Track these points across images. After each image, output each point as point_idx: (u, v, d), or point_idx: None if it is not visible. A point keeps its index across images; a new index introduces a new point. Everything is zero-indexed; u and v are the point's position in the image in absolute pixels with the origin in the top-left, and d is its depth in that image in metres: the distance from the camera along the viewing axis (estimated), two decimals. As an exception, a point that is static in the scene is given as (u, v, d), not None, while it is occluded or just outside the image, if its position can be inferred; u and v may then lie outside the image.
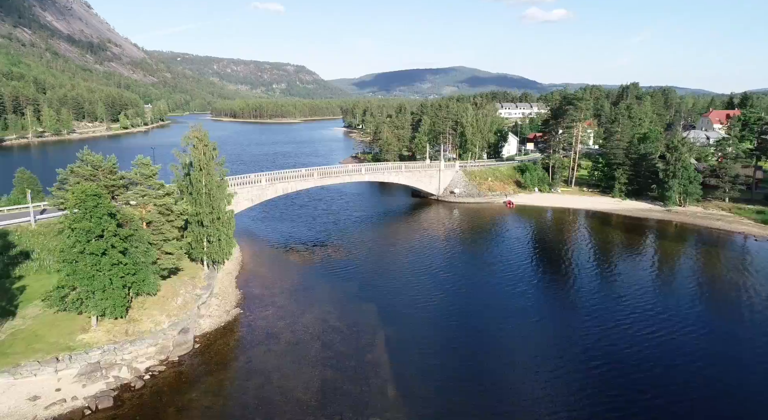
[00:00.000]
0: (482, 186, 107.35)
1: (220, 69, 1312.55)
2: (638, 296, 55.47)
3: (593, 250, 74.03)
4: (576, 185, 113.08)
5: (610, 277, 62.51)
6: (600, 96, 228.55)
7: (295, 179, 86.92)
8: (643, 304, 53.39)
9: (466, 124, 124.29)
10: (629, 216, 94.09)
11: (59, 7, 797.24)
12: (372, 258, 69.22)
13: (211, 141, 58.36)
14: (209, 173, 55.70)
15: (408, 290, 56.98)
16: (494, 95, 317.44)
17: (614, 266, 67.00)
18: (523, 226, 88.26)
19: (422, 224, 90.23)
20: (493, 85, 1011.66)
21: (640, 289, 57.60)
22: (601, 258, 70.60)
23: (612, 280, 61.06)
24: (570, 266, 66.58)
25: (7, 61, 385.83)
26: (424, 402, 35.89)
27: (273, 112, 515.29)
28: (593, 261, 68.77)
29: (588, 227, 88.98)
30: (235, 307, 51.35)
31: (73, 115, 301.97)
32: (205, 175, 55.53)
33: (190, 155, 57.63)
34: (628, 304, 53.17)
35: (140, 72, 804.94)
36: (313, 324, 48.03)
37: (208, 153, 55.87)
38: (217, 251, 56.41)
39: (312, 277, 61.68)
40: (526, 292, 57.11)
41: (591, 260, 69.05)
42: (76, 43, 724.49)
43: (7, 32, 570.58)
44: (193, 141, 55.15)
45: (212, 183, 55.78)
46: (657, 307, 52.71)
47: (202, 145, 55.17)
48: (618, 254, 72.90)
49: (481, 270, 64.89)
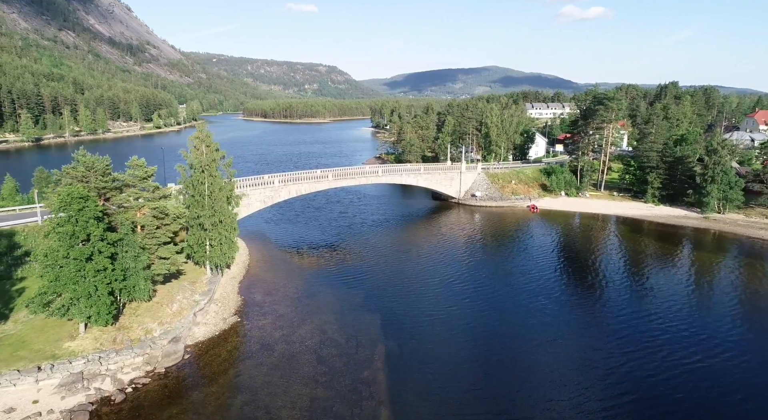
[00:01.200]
0: (505, 189, 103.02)
1: (254, 70, 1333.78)
2: (670, 315, 50.78)
3: (621, 261, 69.13)
4: (606, 189, 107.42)
5: (639, 291, 57.77)
6: (636, 96, 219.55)
7: (309, 181, 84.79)
8: (676, 324, 48.74)
9: (491, 124, 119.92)
10: (662, 223, 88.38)
11: (102, 11, 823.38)
12: (383, 264, 66.29)
13: (215, 141, 56.67)
14: (211, 175, 53.94)
15: (416, 301, 53.87)
16: (525, 95, 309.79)
17: (644, 279, 62.03)
18: (546, 233, 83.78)
19: (440, 229, 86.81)
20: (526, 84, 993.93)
21: (673, 307, 52.82)
22: (629, 270, 65.66)
23: (641, 296, 56.34)
24: (595, 278, 62.10)
25: (49, 62, 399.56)
26: (418, 429, 32.87)
27: (303, 112, 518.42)
28: (621, 273, 63.97)
29: (617, 235, 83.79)
30: (233, 314, 49.37)
31: (109, 115, 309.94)
32: (207, 177, 53.81)
33: (194, 156, 56.20)
34: (658, 324, 48.61)
35: (177, 73, 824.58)
36: (311, 335, 45.53)
37: (210, 154, 54.08)
38: (219, 255, 54.62)
39: (318, 283, 59.27)
40: (546, 307, 52.96)
41: (618, 272, 64.26)
42: (116, 45, 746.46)
43: (53, 35, 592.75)
44: (194, 142, 53.48)
45: (214, 185, 54.00)
46: (691, 327, 47.98)
47: (204, 145, 53.45)
48: (649, 266, 67.76)
49: (498, 280, 61.07)
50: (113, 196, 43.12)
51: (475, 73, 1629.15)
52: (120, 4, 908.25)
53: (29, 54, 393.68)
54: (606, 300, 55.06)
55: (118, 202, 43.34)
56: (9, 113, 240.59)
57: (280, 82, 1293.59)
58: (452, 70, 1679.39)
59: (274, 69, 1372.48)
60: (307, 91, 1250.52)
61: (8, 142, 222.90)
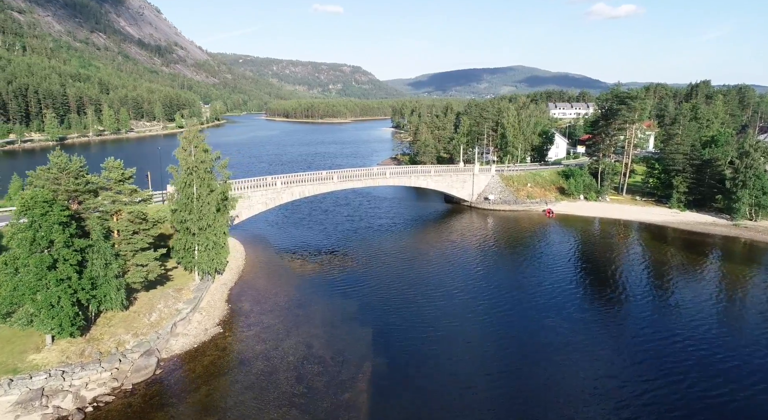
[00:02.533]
0: (520, 192, 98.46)
1: (279, 70, 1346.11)
2: (696, 336, 45.86)
3: (642, 273, 64.10)
4: (628, 193, 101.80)
5: (661, 308, 52.80)
6: (665, 95, 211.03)
7: (313, 182, 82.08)
8: (703, 347, 43.81)
9: (507, 125, 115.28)
10: (688, 230, 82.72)
11: (132, 13, 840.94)
12: (384, 273, 62.84)
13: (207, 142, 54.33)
14: (199, 177, 51.52)
15: (415, 314, 50.33)
16: (549, 94, 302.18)
17: (667, 295, 56.89)
18: (561, 240, 79.10)
19: (449, 235, 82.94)
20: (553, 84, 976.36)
21: (700, 327, 47.84)
22: (651, 283, 60.58)
23: (663, 314, 51.37)
24: (613, 293, 57.38)
25: (78, 63, 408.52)
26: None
27: (324, 112, 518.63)
28: (642, 287, 58.96)
29: (638, 243, 78.58)
30: (216, 325, 46.76)
31: (132, 115, 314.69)
32: (196, 179, 51.43)
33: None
34: (682, 347, 43.81)
35: (203, 73, 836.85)
36: (295, 350, 42.53)
37: (199, 155, 51.68)
38: (207, 261, 52.20)
39: (312, 291, 56.32)
40: (558, 326, 48.24)
41: (639, 286, 59.26)
42: (145, 46, 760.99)
43: (85, 37, 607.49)
44: (181, 142, 51.18)
45: (203, 188, 51.58)
46: (720, 352, 42.89)
47: (192, 146, 51.08)
48: (673, 279, 62.52)
49: (506, 294, 56.81)
50: (86, 200, 40.90)
51: (500, 73, 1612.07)
52: (150, 6, 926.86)
53: (59, 55, 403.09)
54: (624, 318, 50.46)
55: (93, 206, 41.12)
56: (35, 113, 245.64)
57: (305, 83, 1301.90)
58: (477, 70, 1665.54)
59: (299, 69, 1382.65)
60: (331, 92, 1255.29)
61: (33, 142, 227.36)
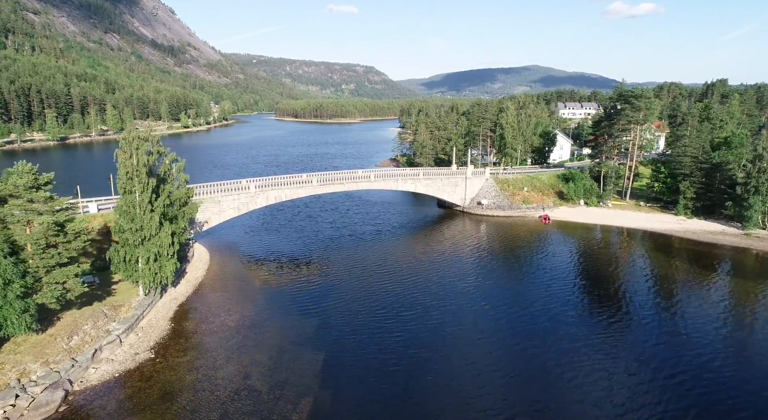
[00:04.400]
0: (515, 197, 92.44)
1: (292, 70, 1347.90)
2: (701, 363, 40.16)
3: (642, 290, 57.82)
4: (632, 198, 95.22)
5: (662, 334, 46.45)
6: (679, 94, 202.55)
7: (290, 186, 77.18)
8: (709, 377, 38.19)
9: (506, 125, 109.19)
10: (695, 240, 76.13)
11: (146, 14, 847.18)
12: (354, 288, 57.29)
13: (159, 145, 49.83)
14: (141, 182, 46.81)
15: (379, 336, 44.92)
16: (560, 94, 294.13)
17: (669, 316, 50.50)
18: (555, 250, 72.99)
19: (434, 244, 77.23)
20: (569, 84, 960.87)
21: (706, 350, 42.11)
22: (651, 303, 54.19)
23: (666, 335, 45.28)
24: (608, 315, 51.23)
25: (86, 63, 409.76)
26: None
27: (333, 112, 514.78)
28: (641, 307, 52.59)
29: (639, 254, 72.25)
30: (150, 348, 41.87)
31: (138, 115, 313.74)
32: (137, 185, 46.73)
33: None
34: (687, 378, 38.11)
35: (215, 73, 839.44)
36: (229, 381, 37.45)
37: (141, 158, 46.97)
38: (148, 275, 47.40)
39: (270, 309, 51.23)
40: (545, 351, 43.24)
41: (637, 306, 52.90)
42: (158, 47, 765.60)
43: (98, 37, 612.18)
44: (120, 144, 46.53)
45: (145, 194, 46.86)
46: (727, 383, 37.35)
47: (132, 148, 46.36)
48: (676, 297, 56.26)
49: (486, 316, 51.28)
50: (-9, 210, 36.34)
51: (515, 73, 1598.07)
52: (164, 7, 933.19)
53: (68, 55, 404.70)
54: (624, 344, 44.15)
55: (1, 217, 36.53)
56: (38, 113, 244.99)
57: (318, 83, 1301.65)
58: (492, 70, 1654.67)
59: (312, 69, 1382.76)
60: (344, 92, 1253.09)
61: (34, 141, 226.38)
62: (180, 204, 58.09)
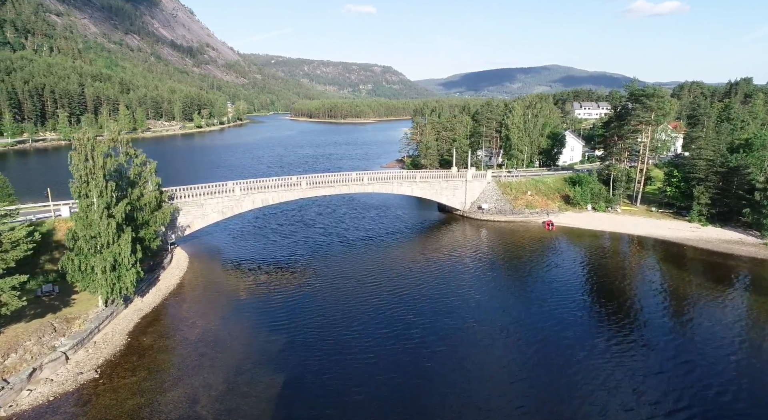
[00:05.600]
0: (518, 201, 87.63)
1: (310, 70, 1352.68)
2: (711, 399, 35.57)
3: (650, 306, 52.85)
4: (643, 203, 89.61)
5: (668, 356, 41.95)
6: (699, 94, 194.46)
7: (278, 189, 73.90)
8: (718, 414, 33.74)
9: (511, 125, 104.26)
10: (709, 250, 70.57)
11: (166, 15, 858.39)
12: (333, 300, 53.38)
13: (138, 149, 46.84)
14: (98, 186, 43.79)
15: (347, 358, 41.06)
16: (577, 93, 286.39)
17: (677, 337, 45.57)
18: (558, 260, 68.11)
19: (427, 251, 72.85)
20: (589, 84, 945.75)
21: (714, 383, 37.56)
22: (658, 320, 49.24)
23: (671, 368, 40.58)
24: (607, 333, 46.69)
25: (103, 63, 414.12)
26: None
27: (347, 112, 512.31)
28: (645, 325, 47.92)
29: (649, 265, 67.09)
30: (96, 367, 38.71)
31: (152, 114, 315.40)
32: (94, 189, 43.72)
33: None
34: (690, 415, 33.73)
35: (233, 74, 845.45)
36: (173, 407, 34.06)
37: (98, 160, 43.95)
38: (105, 286, 44.33)
39: (237, 323, 47.76)
40: (537, 377, 39.00)
41: (642, 324, 48.23)
42: (177, 47, 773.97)
43: (119, 39, 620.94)
44: (75, 145, 43.57)
45: (102, 199, 43.83)
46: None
47: (86, 149, 43.34)
48: (686, 314, 51.24)
49: (473, 332, 47.20)
50: None
51: (534, 73, 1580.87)
52: (183, 9, 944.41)
53: (86, 56, 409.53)
54: (623, 371, 39.50)
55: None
56: (51, 113, 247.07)
57: (335, 83, 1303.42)
58: (511, 70, 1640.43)
59: (330, 69, 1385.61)
60: (362, 92, 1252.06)
61: (46, 141, 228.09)
62: (151, 208, 55.12)
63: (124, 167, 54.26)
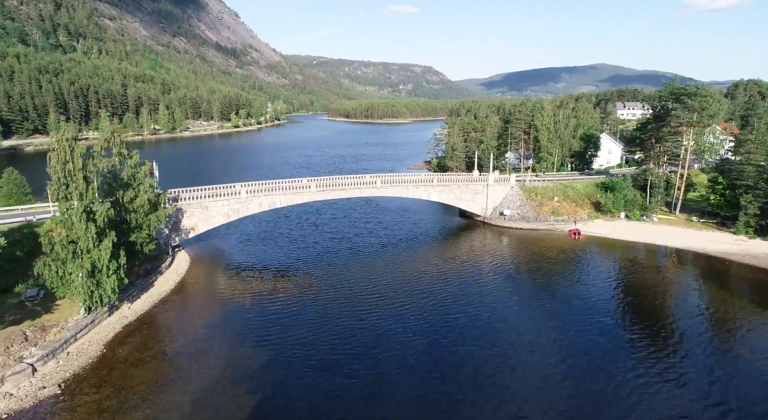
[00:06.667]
0: (543, 207, 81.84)
1: (350, 71, 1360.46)
2: None
3: (685, 332, 46.82)
4: (683, 211, 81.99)
5: (700, 396, 36.53)
6: (756, 93, 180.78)
7: (285, 192, 71.32)
8: None
9: (541, 126, 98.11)
10: (757, 266, 63.18)
11: (212, 18, 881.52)
12: (329, 313, 49.65)
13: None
14: (78, 189, 41.96)
15: (331, 384, 37.51)
16: (621, 93, 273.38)
17: (717, 375, 39.54)
18: (582, 274, 62.48)
19: (439, 261, 68.04)
20: (639, 83, 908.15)
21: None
22: (695, 349, 43.37)
23: (704, 412, 35.29)
24: (637, 363, 41.43)
25: (148, 65, 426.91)
26: None
27: (384, 112, 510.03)
28: (681, 356, 42.19)
29: (685, 283, 60.66)
30: (62, 381, 36.55)
31: (191, 114, 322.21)
32: (74, 190, 41.93)
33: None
34: None
35: (274, 74, 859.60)
36: (126, 431, 31.43)
37: (77, 161, 42.10)
38: (82, 292, 42.41)
39: (222, 335, 44.97)
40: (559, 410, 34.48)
41: (677, 354, 42.56)
42: (221, 49, 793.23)
43: (167, 41, 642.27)
44: (53, 145, 41.85)
45: (82, 201, 41.98)
46: None
47: (63, 148, 41.51)
48: (727, 342, 45.11)
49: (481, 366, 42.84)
50: None
51: (579, 72, 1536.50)
52: (229, 11, 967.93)
53: (132, 58, 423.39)
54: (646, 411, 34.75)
55: None
56: (94, 113, 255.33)
57: (375, 83, 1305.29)
58: (555, 69, 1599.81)
59: (370, 70, 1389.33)
60: (401, 92, 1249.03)
61: (87, 140, 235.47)
62: (144, 211, 53.27)
63: (117, 168, 52.75)
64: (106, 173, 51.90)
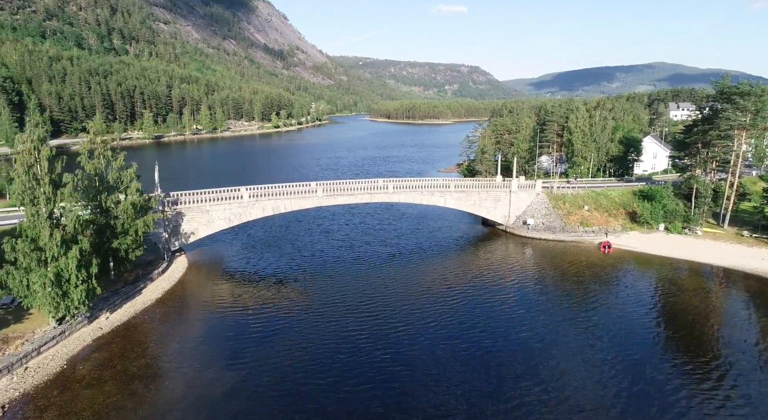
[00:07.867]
0: (571, 217, 74.77)
1: (396, 72, 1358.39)
2: None
3: (724, 366, 40.09)
4: (733, 224, 72.98)
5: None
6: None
7: (290, 196, 67.98)
8: None
9: (575, 129, 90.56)
10: (818, 292, 54.30)
11: (261, 21, 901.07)
12: (319, 331, 45.64)
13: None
14: (45, 193, 39.68)
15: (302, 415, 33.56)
16: (677, 93, 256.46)
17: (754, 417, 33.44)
18: (609, 295, 55.72)
19: (451, 276, 62.06)
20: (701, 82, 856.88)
21: None
22: (734, 390, 36.94)
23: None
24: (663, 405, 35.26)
25: (195, 66, 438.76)
26: None
27: (425, 113, 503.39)
28: (717, 396, 35.83)
29: (733, 307, 53.07)
30: (6, 402, 34.04)
31: (232, 114, 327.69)
32: (42, 194, 39.69)
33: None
34: None
35: (319, 75, 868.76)
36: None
37: (43, 164, 39.80)
38: (48, 303, 40.08)
39: (194, 352, 41.73)
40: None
41: (713, 395, 36.21)
42: (269, 51, 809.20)
43: (217, 44, 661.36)
44: (17, 145, 39.73)
45: (48, 206, 39.70)
46: None
47: (31, 147, 39.25)
48: None
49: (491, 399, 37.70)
50: None
51: (636, 71, 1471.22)
52: (277, 14, 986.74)
53: (181, 60, 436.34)
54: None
55: None
56: (140, 113, 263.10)
57: (421, 84, 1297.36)
58: (609, 68, 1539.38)
59: (416, 70, 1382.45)
60: (447, 92, 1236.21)
61: (131, 139, 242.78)
62: (129, 216, 50.92)
63: (102, 172, 50.64)
64: (92, 176, 49.95)
